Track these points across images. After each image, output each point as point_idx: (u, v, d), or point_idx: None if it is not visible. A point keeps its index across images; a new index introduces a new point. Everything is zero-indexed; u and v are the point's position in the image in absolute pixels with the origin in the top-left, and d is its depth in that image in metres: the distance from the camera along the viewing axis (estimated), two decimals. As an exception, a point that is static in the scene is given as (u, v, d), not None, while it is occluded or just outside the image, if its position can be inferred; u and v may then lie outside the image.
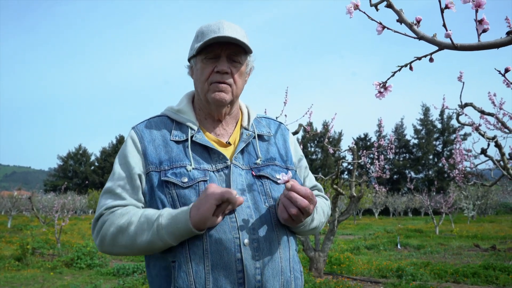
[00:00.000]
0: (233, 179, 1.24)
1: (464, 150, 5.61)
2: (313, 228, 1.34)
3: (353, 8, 0.81)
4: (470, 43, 0.75)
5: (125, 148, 1.32)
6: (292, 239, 1.30)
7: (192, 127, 1.32)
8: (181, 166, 1.24)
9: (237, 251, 1.15)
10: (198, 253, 1.15)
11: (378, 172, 7.84)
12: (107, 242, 1.21)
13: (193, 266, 1.15)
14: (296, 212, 1.16)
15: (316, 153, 53.05)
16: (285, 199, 1.18)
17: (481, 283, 6.63)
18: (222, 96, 1.29)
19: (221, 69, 1.27)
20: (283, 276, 1.21)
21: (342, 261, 8.21)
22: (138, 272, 7.54)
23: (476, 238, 14.00)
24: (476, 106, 4.30)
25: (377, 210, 33.09)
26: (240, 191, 1.23)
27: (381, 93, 0.93)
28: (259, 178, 1.29)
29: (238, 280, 1.14)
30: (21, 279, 7.16)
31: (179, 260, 1.16)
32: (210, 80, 1.29)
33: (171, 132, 1.32)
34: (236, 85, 1.32)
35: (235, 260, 1.15)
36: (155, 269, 1.24)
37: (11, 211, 22.54)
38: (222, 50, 1.29)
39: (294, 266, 1.27)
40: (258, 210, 1.23)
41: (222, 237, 1.16)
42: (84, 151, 60.13)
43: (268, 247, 1.20)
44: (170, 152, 1.27)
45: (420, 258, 9.81)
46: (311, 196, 1.18)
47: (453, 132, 47.76)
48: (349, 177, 7.66)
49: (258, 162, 1.32)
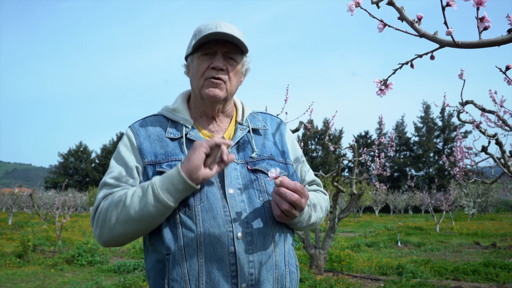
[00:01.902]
0: (227, 173, 1.26)
1: (464, 147, 5.61)
2: (312, 223, 1.35)
3: (354, 6, 0.81)
4: (471, 41, 0.75)
5: (121, 145, 1.34)
6: (288, 233, 1.30)
7: (186, 125, 1.34)
8: (176, 160, 1.26)
9: (230, 244, 1.17)
10: (192, 245, 1.16)
11: (378, 169, 7.84)
12: (106, 224, 1.20)
13: (187, 258, 1.16)
14: (288, 207, 1.17)
15: (317, 150, 53.06)
16: (275, 195, 1.19)
17: (481, 280, 6.63)
18: (216, 92, 1.30)
19: (216, 65, 1.29)
20: (277, 270, 1.22)
21: (342, 259, 8.22)
22: (139, 269, 7.55)
23: (476, 235, 14.02)
24: (477, 103, 4.30)
25: (377, 208, 33.12)
26: (234, 185, 1.25)
27: (382, 91, 0.93)
28: (254, 172, 1.30)
29: (231, 273, 1.16)
30: (22, 275, 7.18)
31: (173, 253, 1.18)
32: (205, 76, 1.30)
33: (166, 130, 1.34)
34: (231, 82, 1.33)
35: (228, 253, 1.16)
36: (151, 262, 1.26)
37: (12, 208, 22.60)
38: (219, 47, 1.31)
39: (289, 260, 1.27)
40: (252, 204, 1.24)
41: (216, 230, 1.17)
42: (84, 148, 60.19)
43: (262, 240, 1.21)
44: (166, 147, 1.29)
45: (420, 255, 9.82)
46: (301, 189, 1.18)
47: (453, 130, 47.74)
48: (350, 175, 7.66)
49: (253, 156, 1.32)
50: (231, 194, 1.23)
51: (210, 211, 1.19)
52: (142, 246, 10.56)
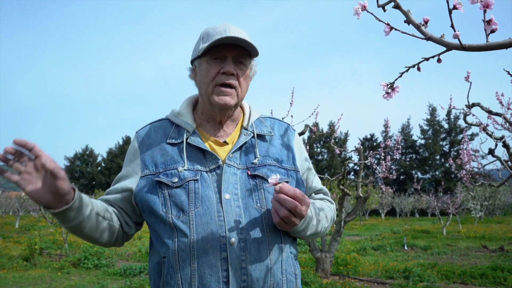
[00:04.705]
0: (225, 178, 1.25)
1: (471, 150, 5.58)
2: (315, 232, 1.31)
3: (360, 9, 0.81)
4: (479, 44, 0.75)
5: (128, 152, 1.39)
6: (287, 241, 1.28)
7: (188, 129, 1.33)
8: (174, 168, 1.27)
9: (222, 249, 1.16)
10: (185, 250, 1.17)
11: (384, 172, 7.82)
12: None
13: (180, 262, 1.17)
14: (287, 214, 1.14)
15: (322, 153, 52.92)
16: (275, 202, 1.16)
17: (489, 284, 6.58)
18: (227, 101, 1.28)
19: (228, 70, 1.27)
20: (272, 278, 1.20)
21: (348, 262, 8.19)
22: (144, 273, 7.56)
23: (483, 239, 13.90)
24: (483, 106, 4.27)
25: (383, 211, 32.96)
26: (231, 190, 1.24)
27: (388, 94, 0.93)
28: (254, 178, 1.28)
29: (223, 278, 1.15)
30: (29, 279, 7.21)
31: (168, 256, 1.19)
32: (216, 82, 1.28)
33: (169, 135, 1.34)
34: (241, 88, 1.32)
35: (221, 259, 1.16)
36: (152, 264, 1.29)
37: (19, 211, 22.73)
38: (228, 51, 1.28)
39: (287, 269, 1.24)
40: (248, 210, 1.22)
41: (209, 235, 1.17)
42: (91, 152, 60.43)
43: (257, 247, 1.19)
44: (165, 155, 1.30)
45: (427, 259, 9.76)
46: (302, 196, 1.15)
47: (460, 132, 47.44)
48: (356, 178, 7.64)
49: (255, 162, 1.30)
50: (227, 200, 1.21)
51: (204, 216, 1.19)
52: (148, 250, 10.53)
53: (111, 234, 1.30)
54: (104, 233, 1.27)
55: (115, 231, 1.31)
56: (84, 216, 1.18)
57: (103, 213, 1.26)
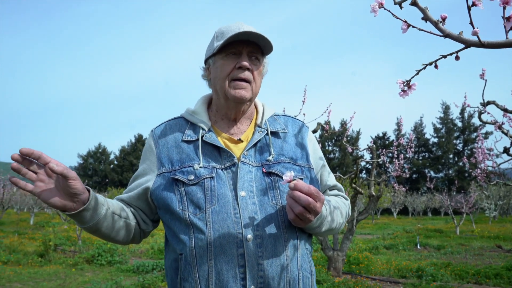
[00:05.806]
0: (240, 176, 1.26)
1: (486, 149, 5.51)
2: (331, 228, 1.32)
3: (377, 7, 0.81)
4: (498, 41, 0.74)
5: (144, 150, 1.41)
6: (303, 238, 1.29)
7: (203, 127, 1.34)
8: (190, 165, 1.28)
9: (239, 246, 1.18)
10: (202, 247, 1.18)
11: (397, 171, 7.76)
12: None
13: (197, 259, 1.18)
14: (301, 211, 1.15)
15: (334, 152, 52.69)
16: (289, 199, 1.17)
17: (503, 284, 6.49)
18: (242, 94, 1.30)
19: (243, 65, 1.28)
20: (288, 274, 1.21)
21: (360, 261, 8.15)
22: (157, 270, 7.63)
23: (498, 238, 13.71)
24: (499, 104, 4.21)
25: (395, 210, 32.71)
26: (247, 188, 1.25)
27: (404, 92, 0.92)
28: (269, 175, 1.29)
29: (240, 275, 1.17)
30: (44, 274, 7.32)
31: (185, 253, 1.21)
32: (231, 76, 1.29)
33: (184, 133, 1.36)
34: (256, 83, 1.33)
35: (237, 255, 1.17)
36: (169, 261, 1.30)
37: (33, 208, 23.06)
38: (243, 47, 1.31)
39: (303, 265, 1.26)
40: (264, 207, 1.24)
41: (225, 232, 1.18)
42: (103, 150, 60.98)
43: (273, 244, 1.20)
44: (181, 153, 1.32)
45: (440, 258, 9.67)
46: (316, 193, 1.16)
47: (474, 131, 46.84)
48: (368, 176, 7.60)
49: (270, 159, 1.31)
50: (243, 197, 1.23)
51: (221, 214, 1.21)
52: (160, 247, 10.61)
53: (128, 232, 1.32)
54: (120, 232, 1.30)
55: (132, 229, 1.33)
56: (100, 216, 1.21)
57: (119, 212, 1.29)
